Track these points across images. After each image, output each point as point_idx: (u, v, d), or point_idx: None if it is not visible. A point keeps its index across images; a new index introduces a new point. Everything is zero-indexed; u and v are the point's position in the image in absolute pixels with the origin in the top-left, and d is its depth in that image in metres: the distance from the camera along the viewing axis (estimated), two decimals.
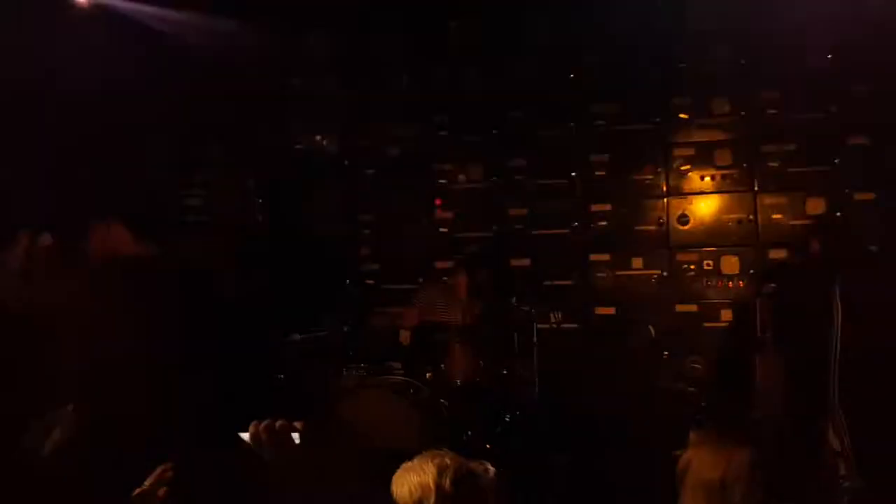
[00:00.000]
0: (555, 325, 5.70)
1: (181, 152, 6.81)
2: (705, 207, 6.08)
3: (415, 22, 6.53)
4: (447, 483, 2.38)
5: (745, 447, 2.87)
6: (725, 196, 6.04)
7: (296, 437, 1.69)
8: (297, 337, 5.79)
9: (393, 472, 2.42)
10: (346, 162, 6.94)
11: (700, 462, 3.05)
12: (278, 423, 1.67)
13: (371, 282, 6.72)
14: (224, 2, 5.81)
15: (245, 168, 6.96)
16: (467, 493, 2.41)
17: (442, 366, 5.34)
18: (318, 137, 6.97)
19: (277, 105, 6.96)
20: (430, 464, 2.48)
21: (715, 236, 6.02)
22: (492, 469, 2.61)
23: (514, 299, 5.35)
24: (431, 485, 2.38)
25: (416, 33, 6.62)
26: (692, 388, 5.63)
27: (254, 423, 1.71)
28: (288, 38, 6.51)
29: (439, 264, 6.51)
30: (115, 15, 5.65)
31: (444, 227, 6.61)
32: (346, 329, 6.31)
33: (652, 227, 6.14)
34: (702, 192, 6.09)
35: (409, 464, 2.58)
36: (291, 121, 7.03)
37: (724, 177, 6.04)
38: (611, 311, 6.07)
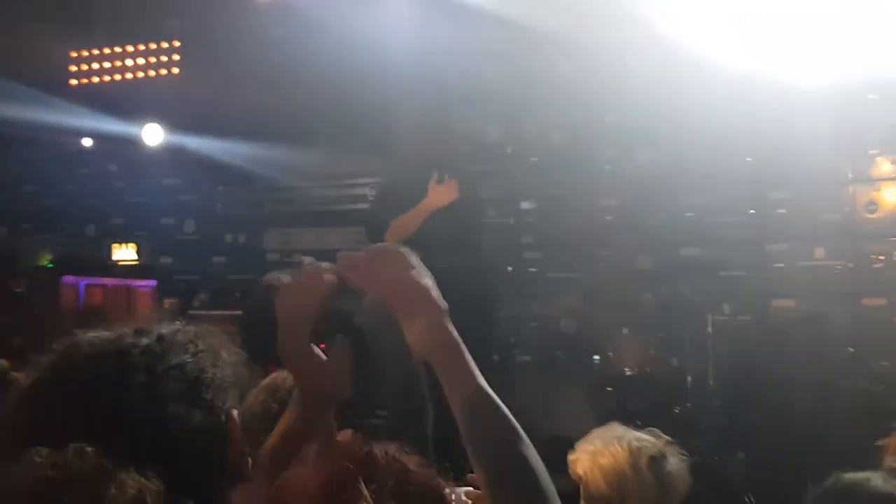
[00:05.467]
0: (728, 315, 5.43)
1: None
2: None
3: None
4: (644, 468, 2.25)
5: None
6: None
7: None
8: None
9: (555, 458, 2.29)
10: (508, 150, 6.89)
11: None
12: None
13: (534, 269, 6.63)
14: None
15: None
16: (665, 478, 2.28)
17: (610, 353, 5.23)
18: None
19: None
20: (618, 447, 2.33)
21: None
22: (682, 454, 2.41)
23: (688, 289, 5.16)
24: (629, 472, 2.25)
25: None
26: (881, 387, 5.21)
27: None
28: None
29: (604, 252, 6.35)
30: None
31: (608, 216, 6.42)
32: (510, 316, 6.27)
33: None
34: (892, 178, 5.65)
35: (592, 447, 2.41)
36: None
37: None
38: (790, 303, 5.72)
